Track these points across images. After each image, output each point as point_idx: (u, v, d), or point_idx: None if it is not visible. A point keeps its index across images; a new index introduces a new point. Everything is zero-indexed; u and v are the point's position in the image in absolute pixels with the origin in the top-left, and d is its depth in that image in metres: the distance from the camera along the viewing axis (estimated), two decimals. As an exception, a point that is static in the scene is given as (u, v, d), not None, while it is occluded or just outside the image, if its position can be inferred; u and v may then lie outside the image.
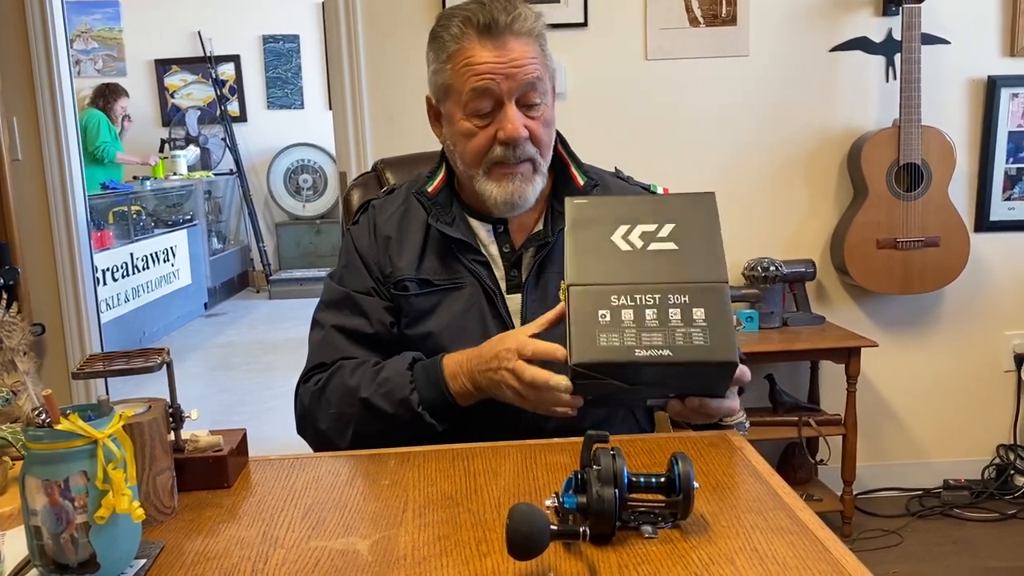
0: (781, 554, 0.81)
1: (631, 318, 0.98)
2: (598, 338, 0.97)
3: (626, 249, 1.03)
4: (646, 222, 1.04)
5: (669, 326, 0.97)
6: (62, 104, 2.80)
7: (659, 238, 1.03)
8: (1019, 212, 2.86)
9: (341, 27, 2.64)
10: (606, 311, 0.98)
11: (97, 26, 7.02)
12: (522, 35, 1.23)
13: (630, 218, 1.05)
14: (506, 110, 1.23)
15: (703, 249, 1.02)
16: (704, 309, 0.97)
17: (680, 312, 0.97)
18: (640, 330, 0.97)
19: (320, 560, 0.84)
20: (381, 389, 1.21)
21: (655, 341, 0.96)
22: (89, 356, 1.05)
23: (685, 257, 1.02)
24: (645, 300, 0.99)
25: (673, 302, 0.98)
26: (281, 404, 4.16)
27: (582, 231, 1.05)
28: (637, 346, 0.96)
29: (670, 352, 0.95)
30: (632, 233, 1.04)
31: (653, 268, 1.01)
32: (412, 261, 1.31)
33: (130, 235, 5.34)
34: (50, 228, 2.83)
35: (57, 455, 0.78)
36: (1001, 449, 2.98)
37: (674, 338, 0.96)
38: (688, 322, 0.97)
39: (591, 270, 1.02)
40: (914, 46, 2.58)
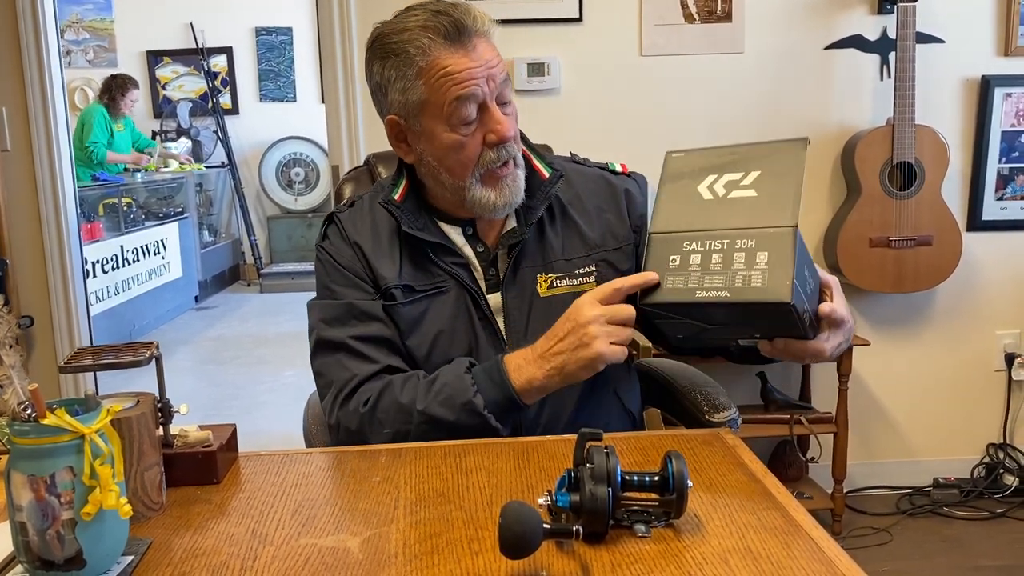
0: (775, 553, 0.81)
1: (698, 262, 1.05)
2: (665, 280, 1.06)
3: (708, 198, 1.09)
4: (733, 171, 1.10)
5: (732, 269, 1.02)
6: (52, 95, 2.78)
7: (741, 186, 1.08)
8: (1012, 212, 2.86)
9: (334, 20, 2.63)
10: (676, 256, 1.06)
11: (88, 16, 6.97)
12: (484, 34, 1.22)
13: (719, 167, 1.11)
14: (492, 112, 1.22)
15: (780, 195, 1.06)
16: (768, 253, 1.01)
17: (745, 256, 1.02)
18: (704, 273, 1.03)
19: (310, 557, 0.83)
20: (439, 397, 1.16)
21: (716, 283, 1.02)
22: (77, 350, 1.04)
23: (761, 203, 1.06)
24: (714, 245, 1.05)
25: (740, 247, 1.03)
26: (272, 398, 4.15)
27: (673, 183, 1.12)
28: (699, 288, 1.03)
29: (728, 293, 1.01)
30: (718, 182, 1.10)
31: (729, 215, 1.06)
32: (393, 269, 1.28)
33: (120, 227, 5.31)
34: (39, 219, 2.81)
35: (43, 450, 0.77)
36: (991, 448, 2.99)
37: (734, 280, 1.01)
38: (751, 265, 1.02)
39: (671, 219, 1.09)
40: (909, 45, 2.58)
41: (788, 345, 1.08)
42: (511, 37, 2.65)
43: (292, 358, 4.64)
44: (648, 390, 1.55)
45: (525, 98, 2.70)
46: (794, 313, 0.99)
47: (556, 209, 1.34)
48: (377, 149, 1.83)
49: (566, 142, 1.74)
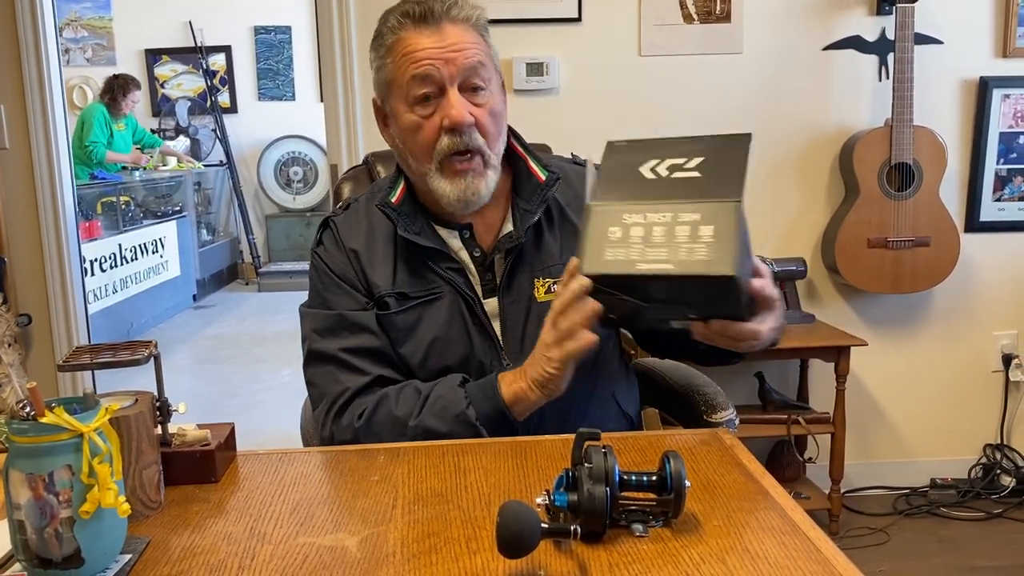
0: (772, 553, 0.81)
1: (640, 235, 1.00)
2: (605, 252, 1.00)
3: (651, 178, 1.05)
4: (676, 156, 1.06)
5: (675, 242, 0.98)
6: (50, 93, 2.77)
7: (685, 168, 1.05)
8: (1009, 213, 2.87)
9: (333, 18, 2.63)
10: (617, 228, 1.01)
11: (87, 14, 6.97)
12: (459, 22, 1.23)
13: (662, 153, 1.07)
14: (448, 95, 1.21)
15: (725, 174, 1.03)
16: (713, 226, 0.98)
17: (688, 229, 0.98)
18: (646, 246, 0.99)
19: (308, 556, 0.83)
20: (434, 408, 1.17)
21: (659, 255, 0.97)
22: (75, 348, 1.04)
23: (706, 182, 1.02)
24: (656, 218, 1.00)
25: (684, 220, 0.99)
26: (270, 397, 4.15)
27: (612, 165, 1.08)
28: (640, 260, 0.98)
29: (672, 266, 0.97)
30: (661, 165, 1.06)
31: (672, 191, 1.02)
32: (387, 276, 1.28)
33: (118, 226, 5.31)
34: (37, 218, 2.81)
35: (41, 449, 0.77)
36: (988, 449, 2.99)
37: (677, 253, 0.97)
38: (695, 238, 0.98)
39: (610, 192, 1.04)
40: (907, 46, 2.58)
41: (725, 327, 1.04)
42: (510, 37, 2.65)
43: (290, 357, 4.63)
44: (646, 390, 1.55)
45: (524, 98, 2.70)
46: (736, 288, 0.97)
47: (554, 212, 1.32)
48: (376, 148, 1.83)
49: (565, 142, 1.74)
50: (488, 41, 1.27)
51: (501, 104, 1.28)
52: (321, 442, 1.27)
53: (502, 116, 1.28)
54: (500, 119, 1.27)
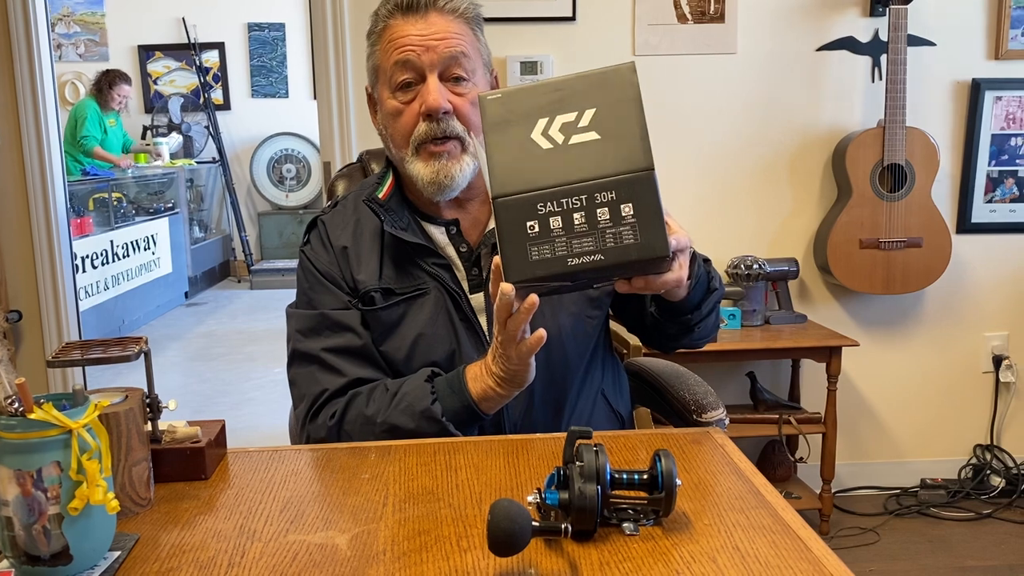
0: (763, 553, 0.81)
1: (560, 225, 0.95)
2: (530, 252, 0.95)
3: (547, 147, 0.98)
4: (565, 111, 1.00)
5: (599, 227, 0.94)
6: (42, 88, 2.76)
7: (580, 128, 0.99)
8: (1000, 214, 2.88)
9: (327, 15, 2.62)
10: (534, 222, 0.95)
11: (79, 10, 6.93)
12: (447, 13, 1.23)
13: (549, 109, 1.00)
14: (427, 82, 1.22)
15: (625, 133, 0.98)
16: (632, 203, 0.95)
17: (608, 211, 0.95)
18: (570, 237, 0.95)
19: (298, 554, 0.83)
20: (400, 405, 1.18)
21: (586, 247, 0.94)
22: (65, 344, 1.04)
23: (608, 145, 0.97)
24: (572, 204, 0.95)
25: (600, 200, 0.95)
26: (262, 395, 4.14)
27: (500, 134, 1.00)
28: (569, 255, 0.94)
29: (602, 256, 0.94)
30: (552, 127, 0.99)
31: (576, 165, 0.97)
32: (373, 271, 1.28)
33: (110, 222, 5.29)
34: (28, 213, 2.79)
35: (30, 445, 0.76)
36: (978, 449, 3.00)
37: (604, 240, 0.94)
38: (617, 221, 0.94)
39: (513, 178, 0.97)
40: (900, 47, 2.59)
41: (648, 282, 1.02)
42: (504, 35, 2.65)
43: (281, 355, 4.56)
44: (637, 389, 1.55)
45: (518, 96, 2.69)
46: (667, 261, 0.96)
47: None
48: (370, 146, 1.82)
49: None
50: (478, 35, 1.28)
51: None
52: (301, 442, 1.27)
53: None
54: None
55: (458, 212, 1.31)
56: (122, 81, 5.92)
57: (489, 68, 1.31)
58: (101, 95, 5.84)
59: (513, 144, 0.99)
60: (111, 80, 5.85)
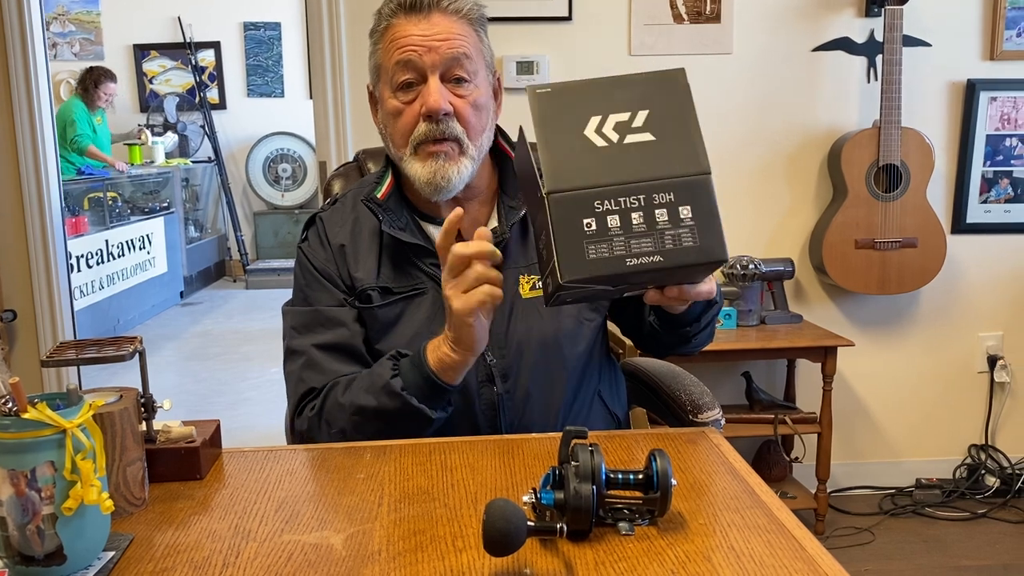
0: (758, 552, 0.81)
1: (618, 224, 0.92)
2: (587, 251, 0.91)
3: (602, 145, 0.95)
4: (618, 110, 0.97)
5: (657, 229, 0.92)
6: (37, 87, 2.75)
7: (634, 128, 0.96)
8: (995, 215, 2.89)
9: (323, 15, 2.61)
10: (591, 219, 0.92)
11: (75, 9, 6.92)
12: (450, 13, 1.23)
13: (601, 107, 0.98)
14: (429, 82, 1.22)
15: (681, 136, 0.97)
16: (691, 207, 0.93)
17: (667, 212, 0.92)
18: (628, 237, 0.91)
19: (293, 554, 0.83)
20: (363, 385, 1.18)
21: (644, 248, 0.91)
22: (60, 344, 1.03)
23: (664, 147, 0.95)
24: (630, 203, 0.92)
25: (659, 202, 0.93)
26: (257, 395, 4.13)
27: (552, 129, 0.97)
28: (627, 255, 0.91)
29: (661, 258, 0.91)
30: (605, 125, 0.96)
31: (633, 164, 0.94)
32: (371, 270, 1.28)
33: (105, 222, 5.28)
34: (23, 213, 2.78)
35: (24, 444, 0.76)
36: (973, 449, 3.01)
37: (663, 242, 0.91)
38: (676, 223, 0.92)
39: (569, 174, 0.93)
40: (895, 48, 2.60)
41: (682, 291, 1.01)
42: (500, 35, 2.65)
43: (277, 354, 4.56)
44: (634, 390, 1.55)
45: (514, 96, 2.69)
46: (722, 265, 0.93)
47: None
48: (366, 145, 1.82)
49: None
50: (481, 36, 1.27)
51: (487, 99, 1.28)
52: (292, 438, 1.27)
53: (486, 110, 1.27)
54: (483, 112, 1.26)
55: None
56: (107, 79, 5.82)
57: (492, 70, 1.31)
58: (87, 94, 5.73)
59: (566, 139, 0.95)
60: (96, 78, 5.75)
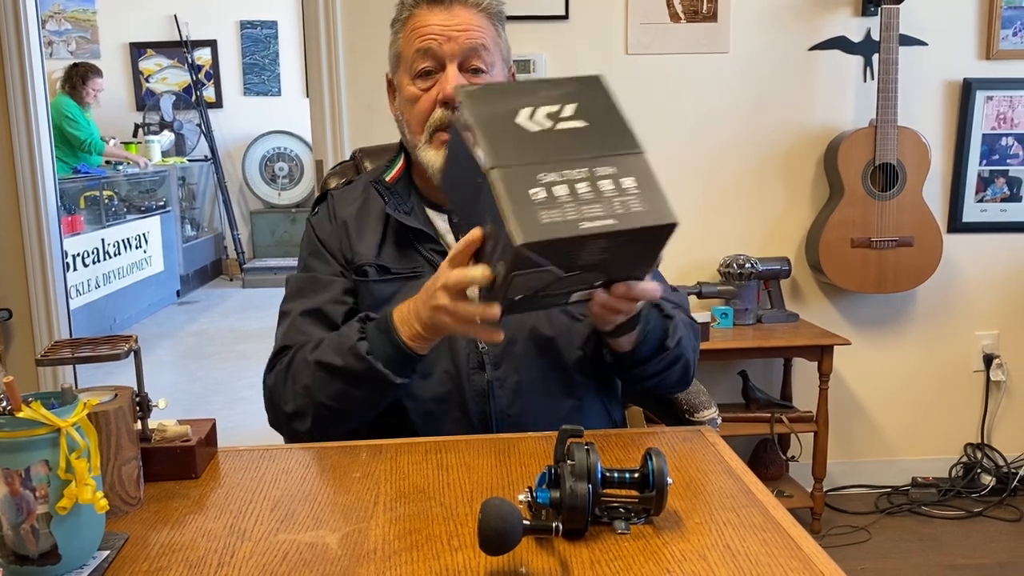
0: (753, 551, 0.81)
1: (566, 193, 0.92)
2: (539, 216, 0.90)
3: (536, 130, 0.96)
4: (548, 103, 0.99)
5: (605, 197, 0.92)
6: (32, 86, 2.75)
7: (564, 117, 0.98)
8: (991, 214, 2.89)
9: (320, 13, 2.61)
10: (537, 189, 0.92)
11: (71, 7, 6.90)
12: (471, 7, 1.26)
13: (531, 101, 0.99)
14: (446, 71, 1.25)
15: (613, 123, 0.98)
16: (634, 177, 0.94)
17: (612, 182, 0.93)
18: (579, 203, 0.91)
19: (288, 553, 0.83)
20: (332, 344, 1.20)
21: (596, 212, 0.91)
22: (55, 342, 1.03)
23: (598, 131, 0.97)
24: (574, 175, 0.93)
25: (601, 174, 0.93)
26: (254, 394, 4.10)
27: (486, 119, 0.97)
28: (580, 219, 0.90)
29: (615, 220, 0.91)
30: (537, 114, 0.98)
31: (570, 144, 0.95)
32: (372, 248, 1.31)
33: (102, 220, 5.27)
34: (18, 211, 2.78)
35: (18, 443, 0.76)
36: (969, 448, 3.01)
37: (613, 207, 0.91)
38: (621, 191, 0.93)
39: (509, 152, 0.93)
40: (892, 47, 2.60)
41: (628, 289, 1.01)
42: (497, 34, 2.64)
43: (274, 353, 4.61)
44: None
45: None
46: (671, 233, 0.93)
47: None
48: (362, 144, 1.82)
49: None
50: (499, 30, 1.31)
51: None
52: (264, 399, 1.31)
53: None
54: None
55: None
56: (94, 74, 5.73)
57: (508, 64, 1.34)
58: (76, 91, 5.63)
59: (500, 126, 0.96)
60: (83, 74, 5.65)
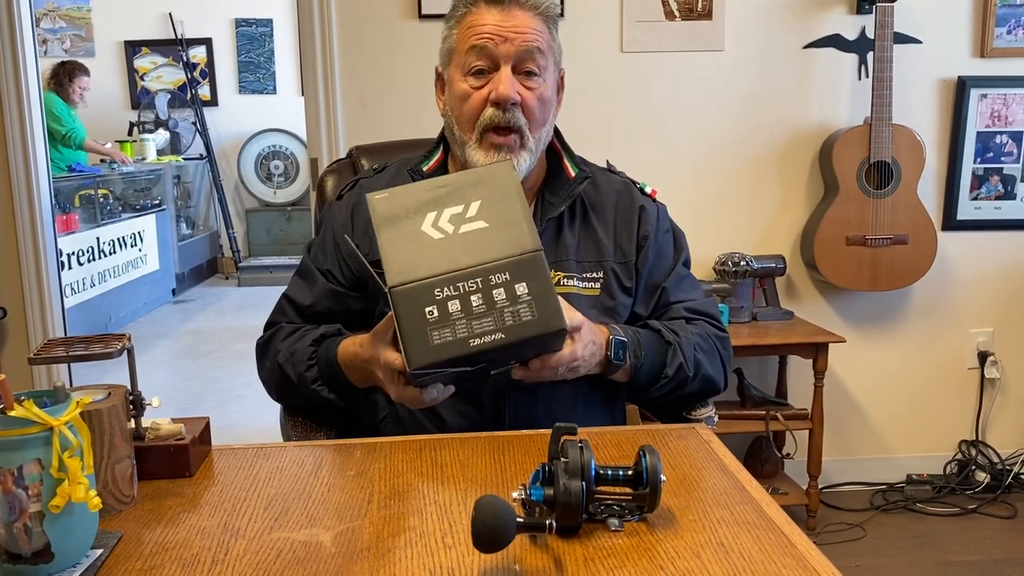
0: (747, 548, 0.81)
1: (459, 308, 0.99)
2: (431, 337, 0.98)
3: (439, 237, 1.03)
4: (452, 204, 1.05)
5: (497, 308, 0.99)
6: (26, 84, 2.74)
7: (468, 218, 1.03)
8: (985, 211, 2.90)
9: (314, 11, 2.60)
10: (432, 307, 0.99)
11: (65, 5, 6.88)
12: (528, 9, 1.27)
13: (436, 204, 1.05)
14: (500, 71, 1.25)
15: (512, 220, 1.03)
16: (525, 283, 0.99)
17: (504, 291, 0.99)
18: (470, 319, 0.98)
19: (282, 551, 0.83)
20: (293, 358, 1.29)
21: (486, 327, 0.98)
22: (48, 341, 1.03)
23: (496, 233, 1.02)
24: (468, 287, 0.99)
25: (495, 282, 0.99)
26: (250, 392, 4.12)
27: (391, 229, 1.04)
28: (470, 336, 0.98)
29: (503, 335, 0.98)
30: (441, 219, 1.04)
31: (469, 251, 1.01)
32: None
33: (97, 219, 5.25)
34: (12, 210, 2.77)
35: (10, 442, 0.76)
36: (963, 445, 3.02)
37: (503, 319, 0.98)
38: (513, 300, 0.99)
39: (408, 267, 1.01)
40: (886, 45, 2.60)
41: (544, 361, 1.08)
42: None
43: (270, 352, 4.60)
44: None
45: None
46: (564, 335, 1.00)
47: (579, 210, 1.35)
48: (356, 142, 1.82)
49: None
50: (553, 34, 1.31)
51: (552, 94, 1.31)
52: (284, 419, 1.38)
53: (550, 105, 1.31)
54: (548, 107, 1.30)
55: None
56: (81, 73, 5.70)
57: (559, 67, 1.34)
58: (62, 88, 5.59)
59: (405, 237, 1.03)
60: (70, 72, 5.62)
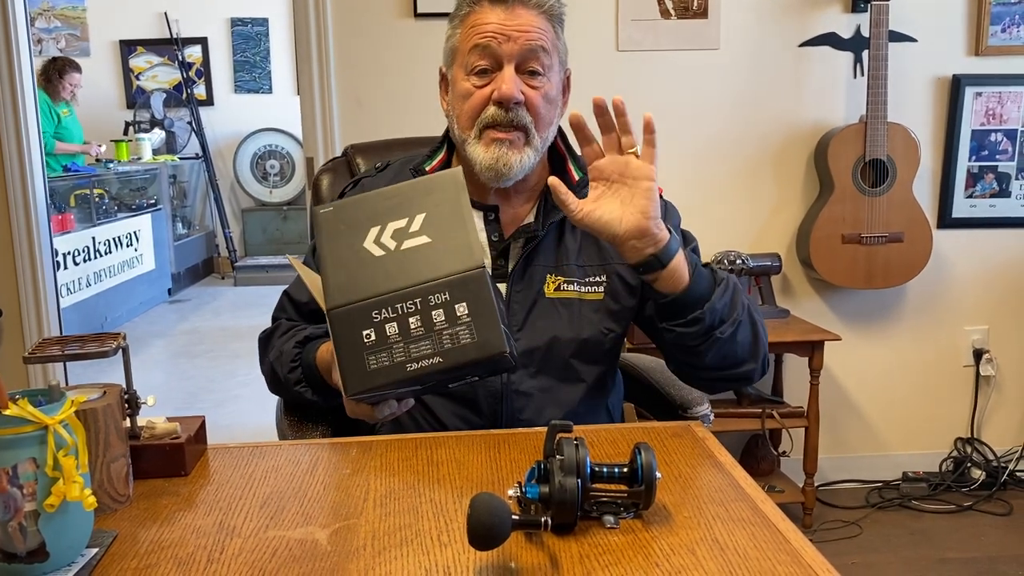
0: (742, 545, 0.82)
1: (396, 331, 0.96)
2: (367, 362, 0.96)
3: (380, 254, 1.00)
4: (396, 218, 1.02)
5: (435, 330, 0.96)
6: (21, 83, 2.73)
7: (411, 233, 1.01)
8: (981, 209, 2.90)
9: (310, 10, 2.60)
10: (370, 330, 0.97)
11: (60, 4, 6.86)
12: (532, 8, 1.25)
13: (380, 217, 1.02)
14: (504, 70, 1.24)
15: (455, 234, 1.00)
16: (466, 303, 0.97)
17: (443, 312, 0.96)
18: (407, 342, 0.96)
19: (277, 550, 0.83)
20: (281, 358, 1.33)
21: (424, 350, 0.95)
22: (43, 340, 1.03)
23: (439, 248, 0.99)
24: (407, 308, 0.97)
25: (435, 303, 0.97)
26: (246, 392, 4.12)
27: (332, 246, 1.02)
28: (407, 360, 0.95)
29: (440, 359, 0.95)
30: (384, 234, 1.01)
31: (409, 269, 0.99)
32: None
33: (92, 219, 5.24)
34: (7, 210, 2.77)
35: (5, 441, 0.76)
36: (959, 442, 3.03)
37: (442, 343, 0.95)
38: (453, 321, 0.96)
39: (347, 288, 0.99)
40: (882, 43, 2.60)
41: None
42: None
43: (266, 351, 4.60)
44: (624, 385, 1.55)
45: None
46: (508, 357, 0.97)
47: None
48: (352, 141, 1.82)
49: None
50: (558, 32, 1.29)
51: (556, 94, 1.30)
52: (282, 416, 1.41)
53: (556, 104, 1.30)
54: (553, 106, 1.29)
55: (501, 201, 1.33)
56: (72, 69, 5.65)
57: (565, 66, 1.33)
58: (51, 85, 5.53)
59: (345, 255, 1.00)
60: (60, 68, 5.56)
